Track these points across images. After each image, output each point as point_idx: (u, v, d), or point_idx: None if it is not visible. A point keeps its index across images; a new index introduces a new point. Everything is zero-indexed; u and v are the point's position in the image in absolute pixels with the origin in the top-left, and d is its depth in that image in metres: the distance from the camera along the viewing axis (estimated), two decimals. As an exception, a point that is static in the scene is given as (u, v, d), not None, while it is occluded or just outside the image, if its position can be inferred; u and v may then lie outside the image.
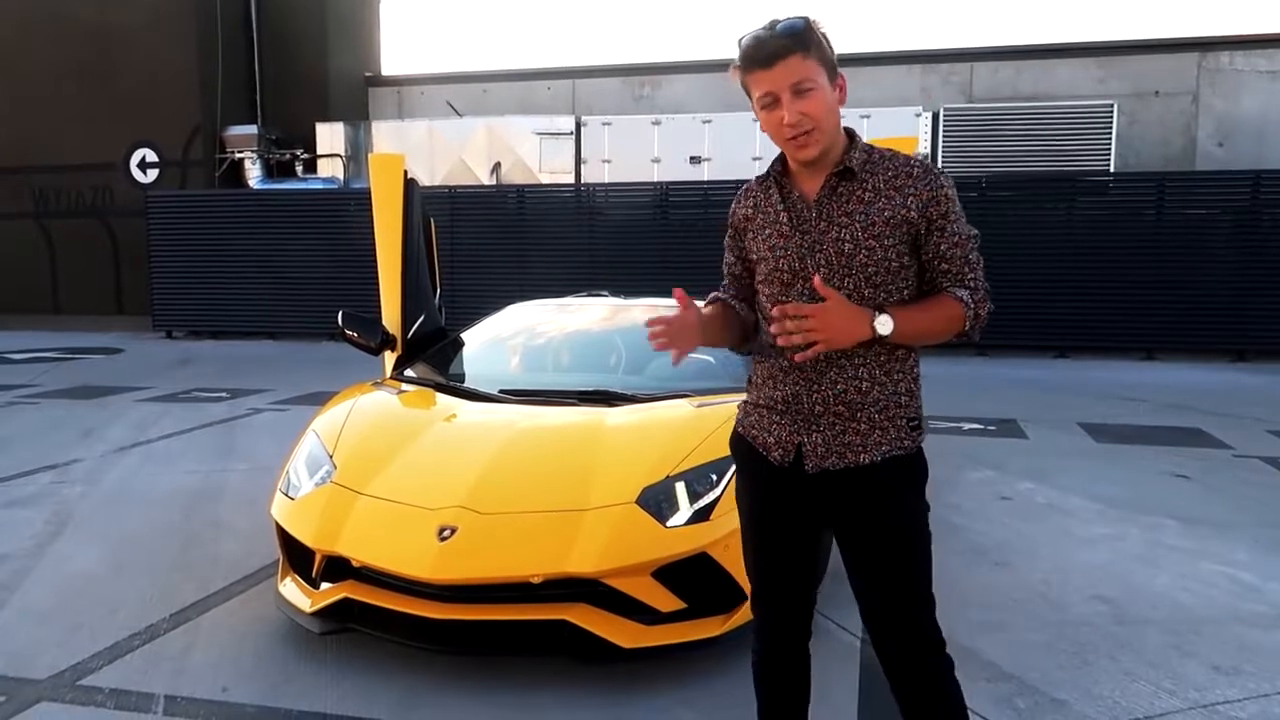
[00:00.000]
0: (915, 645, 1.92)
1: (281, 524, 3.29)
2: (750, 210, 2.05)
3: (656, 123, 13.61)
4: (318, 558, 3.10)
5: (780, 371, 1.97)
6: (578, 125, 13.80)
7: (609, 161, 13.65)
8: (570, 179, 13.63)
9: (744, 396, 3.73)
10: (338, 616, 3.03)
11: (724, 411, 3.48)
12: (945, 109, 13.26)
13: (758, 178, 2.07)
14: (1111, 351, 11.14)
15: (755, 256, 2.03)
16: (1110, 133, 12.73)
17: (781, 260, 1.94)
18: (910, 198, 1.86)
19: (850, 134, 1.94)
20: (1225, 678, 2.97)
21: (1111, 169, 12.65)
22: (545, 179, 13.70)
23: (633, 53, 36.66)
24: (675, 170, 13.27)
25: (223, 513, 4.82)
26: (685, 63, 15.48)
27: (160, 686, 2.91)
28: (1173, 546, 4.28)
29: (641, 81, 15.48)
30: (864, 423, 1.90)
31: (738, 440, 2.10)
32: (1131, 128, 13.46)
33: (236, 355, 12.10)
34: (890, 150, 1.94)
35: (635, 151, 13.54)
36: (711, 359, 4.28)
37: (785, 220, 1.95)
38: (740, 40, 1.88)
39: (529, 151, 13.81)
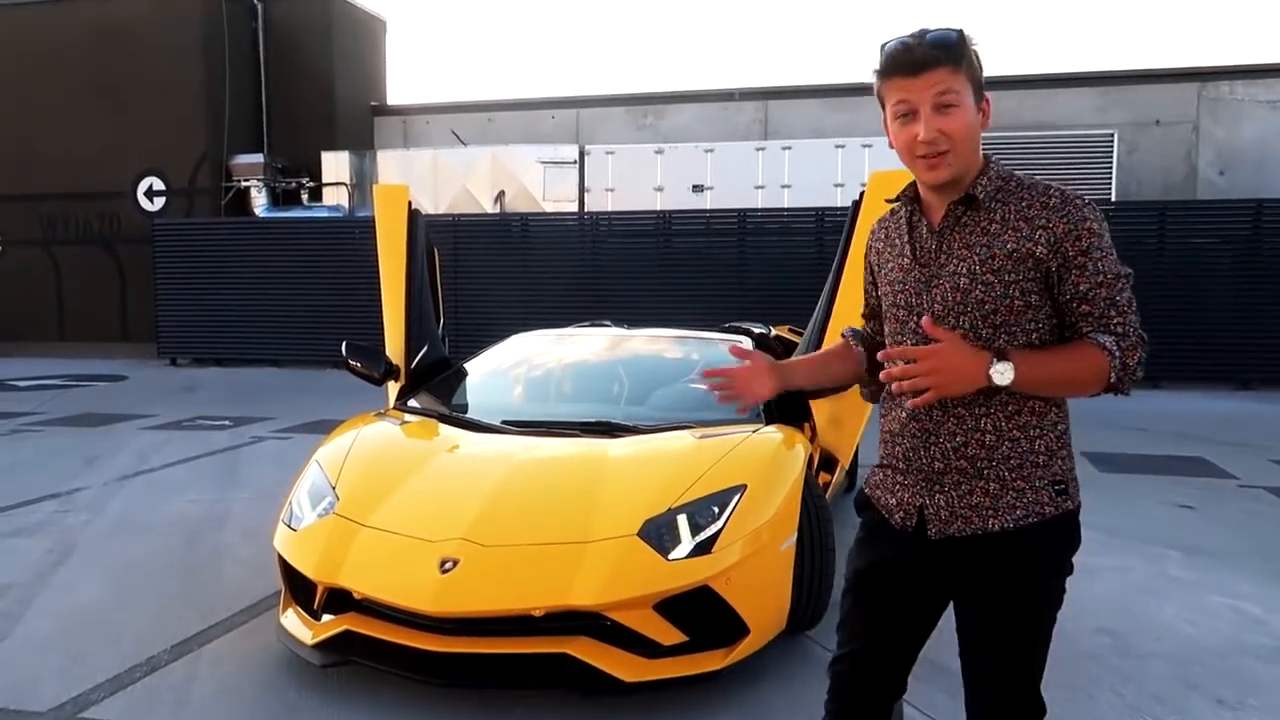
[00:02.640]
0: None
1: (284, 555, 3.29)
2: (881, 242, 1.91)
3: (659, 151, 13.71)
4: (319, 589, 3.10)
5: (898, 424, 1.81)
6: (581, 154, 13.91)
7: (612, 190, 13.75)
8: (574, 207, 13.72)
9: (749, 428, 3.75)
10: (339, 649, 3.03)
11: (726, 443, 3.50)
12: (946, 138, 13.33)
13: (892, 204, 1.92)
14: (1115, 379, 11.11)
15: (880, 292, 1.90)
16: (1111, 161, 12.82)
17: (899, 295, 1.80)
18: (1040, 230, 1.66)
19: (986, 159, 1.76)
20: (1230, 712, 2.96)
21: (1113, 198, 12.72)
22: (549, 207, 13.79)
23: (636, 82, 37.01)
24: (678, 199, 13.36)
25: (225, 542, 4.82)
26: (688, 92, 15.64)
27: (162, 718, 2.90)
28: (1177, 578, 4.27)
29: (644, 111, 15.61)
30: (993, 482, 1.70)
31: (864, 503, 1.93)
32: (1132, 156, 13.55)
33: (240, 383, 12.13)
34: (1033, 179, 1.74)
35: (638, 180, 13.64)
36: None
37: (908, 252, 1.80)
38: (884, 46, 1.71)
39: (533, 180, 13.91)
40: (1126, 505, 5.57)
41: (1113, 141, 12.87)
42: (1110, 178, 12.82)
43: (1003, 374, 1.61)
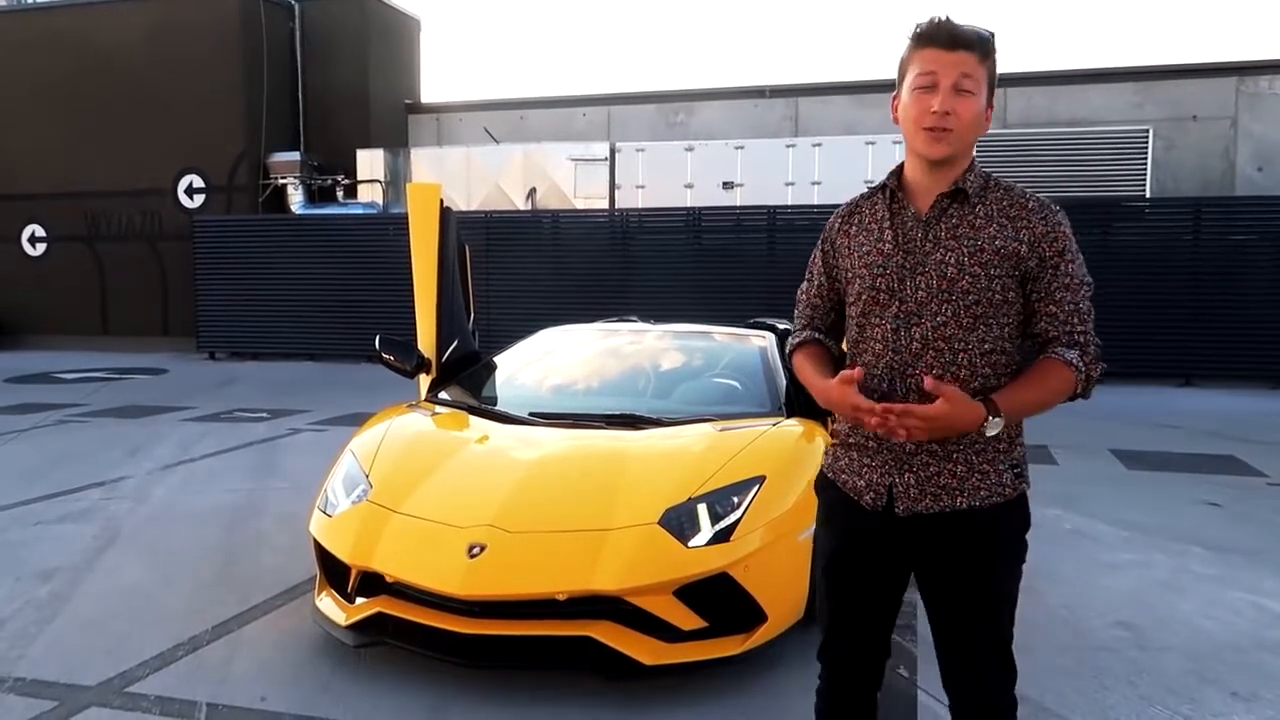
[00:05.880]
0: (988, 706, 1.90)
1: (319, 540, 3.42)
2: (853, 225, 1.94)
3: (689, 149, 13.77)
4: (353, 573, 3.22)
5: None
6: (612, 151, 14.00)
7: (643, 187, 13.82)
8: (604, 204, 13.82)
9: (770, 421, 3.81)
10: (371, 630, 3.15)
11: (746, 436, 3.57)
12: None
13: (866, 191, 1.97)
14: (1148, 377, 11.00)
15: (849, 275, 1.93)
16: (1146, 158, 12.67)
17: (879, 279, 1.84)
18: (1023, 230, 1.79)
19: (972, 159, 1.86)
20: (1243, 703, 2.99)
21: (1148, 194, 12.58)
22: (580, 204, 13.90)
23: (666, 80, 37.06)
24: (708, 195, 13.41)
25: (263, 529, 4.97)
26: (718, 89, 15.67)
27: (202, 694, 3.04)
28: (1199, 574, 4.28)
29: (675, 108, 15.67)
30: (960, 464, 1.81)
31: (825, 485, 2.00)
32: (1169, 153, 13.38)
33: (277, 376, 12.37)
34: (1009, 182, 1.87)
35: (668, 177, 13.70)
36: (736, 384, 4.37)
37: (889, 237, 1.85)
38: (922, 19, 1.80)
39: (564, 177, 14.02)
40: (1152, 502, 5.57)
41: (1147, 138, 12.72)
42: (1145, 174, 12.68)
43: (994, 428, 1.74)
